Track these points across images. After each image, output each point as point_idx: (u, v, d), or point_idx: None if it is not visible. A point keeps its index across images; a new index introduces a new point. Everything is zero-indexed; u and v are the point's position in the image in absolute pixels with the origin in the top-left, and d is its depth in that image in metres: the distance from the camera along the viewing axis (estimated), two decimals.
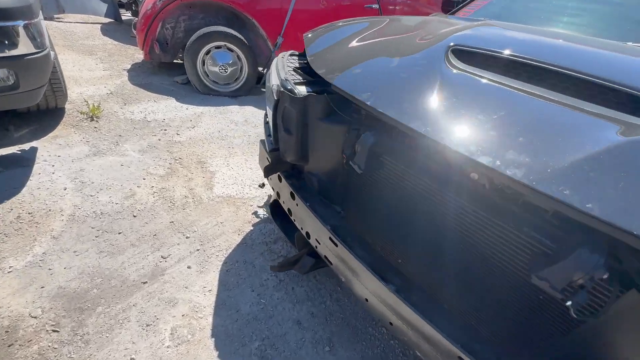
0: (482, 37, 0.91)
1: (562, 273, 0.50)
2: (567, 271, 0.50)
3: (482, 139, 0.59)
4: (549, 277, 0.52)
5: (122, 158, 1.82)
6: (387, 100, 0.71)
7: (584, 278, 0.49)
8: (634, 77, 0.64)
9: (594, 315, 0.53)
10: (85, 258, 1.22)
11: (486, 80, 0.72)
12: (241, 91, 2.98)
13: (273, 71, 1.07)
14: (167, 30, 2.80)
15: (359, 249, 0.81)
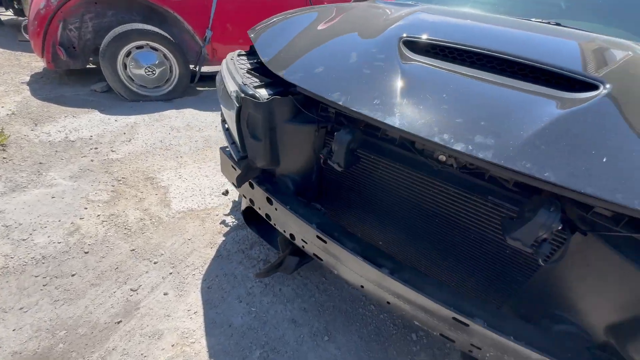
0: (426, 27, 0.98)
1: (530, 232, 0.60)
2: (533, 230, 0.60)
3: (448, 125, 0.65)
4: (520, 237, 0.61)
5: (51, 189, 1.58)
6: (357, 98, 0.74)
7: (546, 232, 0.59)
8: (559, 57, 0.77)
9: (556, 259, 0.65)
10: (37, 312, 1.06)
11: (438, 69, 0.79)
12: (175, 93, 2.75)
13: (227, 76, 1.02)
14: (71, 32, 2.42)
15: (348, 241, 0.85)
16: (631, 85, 0.71)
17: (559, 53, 0.87)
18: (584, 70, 0.74)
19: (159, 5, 2.52)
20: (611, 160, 0.55)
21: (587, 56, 0.89)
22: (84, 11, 2.39)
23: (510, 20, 1.33)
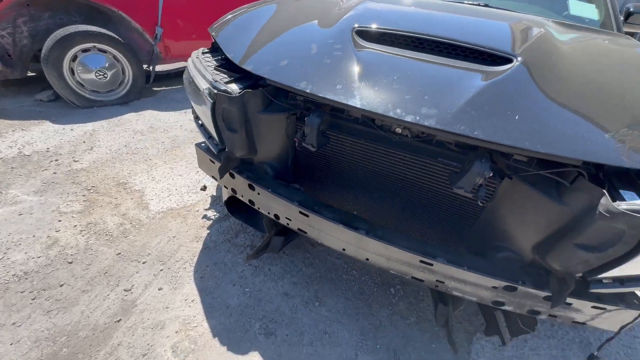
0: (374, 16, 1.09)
1: (469, 180, 0.76)
2: (471, 178, 0.76)
3: (400, 102, 0.78)
4: (462, 186, 0.77)
5: (16, 206, 1.52)
6: (322, 85, 0.84)
7: (481, 179, 0.75)
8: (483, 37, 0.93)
9: (490, 200, 0.82)
10: (31, 325, 1.07)
11: (387, 54, 0.92)
12: (131, 95, 2.66)
13: (196, 74, 1.07)
14: (4, 39, 2.23)
15: (327, 213, 0.97)
16: (540, 57, 0.89)
17: (483, 33, 1.04)
18: (501, 47, 0.90)
19: (101, 3, 2.39)
20: (521, 117, 0.72)
21: (506, 34, 1.07)
22: (15, 15, 2.21)
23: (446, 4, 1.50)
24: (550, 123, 0.72)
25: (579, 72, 0.88)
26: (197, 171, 1.90)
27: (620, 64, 1.05)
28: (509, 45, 0.94)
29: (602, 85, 0.86)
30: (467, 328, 1.22)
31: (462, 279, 0.85)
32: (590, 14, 1.63)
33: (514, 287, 0.82)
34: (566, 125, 0.73)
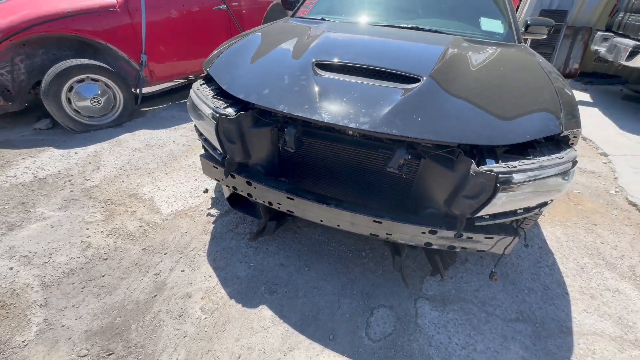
0: (328, 50, 1.49)
1: (395, 162, 1.17)
2: (396, 161, 1.17)
3: (347, 114, 1.18)
4: (392, 166, 1.18)
5: (46, 221, 1.80)
6: (294, 106, 1.23)
7: (403, 160, 1.17)
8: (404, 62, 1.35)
9: (413, 174, 1.24)
10: (88, 305, 1.39)
11: (340, 79, 1.32)
12: (123, 117, 2.93)
13: (199, 102, 1.42)
14: (3, 77, 2.47)
15: (307, 195, 1.35)
16: (445, 73, 1.32)
17: (406, 58, 1.47)
18: (415, 70, 1.32)
19: (90, 38, 2.66)
20: (422, 118, 1.13)
21: (423, 57, 1.50)
22: (13, 54, 2.45)
23: (386, 30, 1.93)
24: (441, 120, 1.15)
25: (473, 78, 1.33)
26: (196, 179, 2.23)
27: (512, 69, 1.51)
28: (422, 67, 1.36)
29: (490, 85, 1.31)
30: (419, 274, 1.64)
31: (402, 230, 1.26)
32: (497, 28, 2.11)
33: (435, 230, 1.23)
34: (451, 120, 1.15)
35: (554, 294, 1.58)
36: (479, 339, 1.36)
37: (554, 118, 1.21)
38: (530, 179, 1.08)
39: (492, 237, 1.24)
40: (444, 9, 2.22)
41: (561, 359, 1.30)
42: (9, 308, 1.35)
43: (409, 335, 1.35)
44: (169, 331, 1.31)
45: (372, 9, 2.28)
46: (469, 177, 1.08)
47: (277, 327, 1.35)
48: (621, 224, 2.11)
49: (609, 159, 2.88)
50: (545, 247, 1.87)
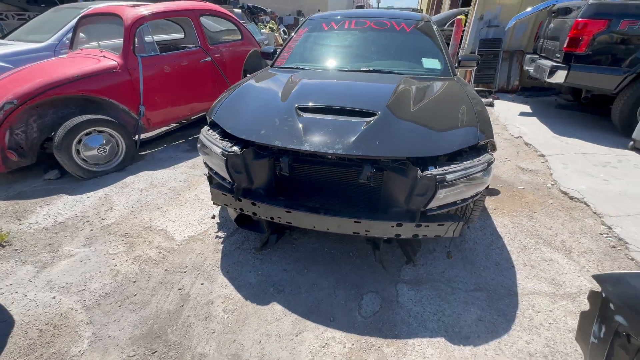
0: (306, 95, 1.95)
1: (364, 175, 1.59)
2: (365, 173, 1.59)
3: (325, 144, 1.60)
4: (362, 178, 1.60)
5: (75, 257, 2.06)
6: (285, 141, 1.64)
7: (370, 173, 1.59)
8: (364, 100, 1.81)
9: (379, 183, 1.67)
10: (127, 319, 1.65)
11: (318, 119, 1.76)
12: (125, 162, 3.25)
13: (209, 144, 1.81)
14: (18, 136, 2.77)
15: (301, 207, 1.73)
16: (397, 106, 1.79)
17: (367, 97, 1.95)
18: (372, 107, 1.79)
19: (95, 96, 3.04)
20: (380, 141, 1.58)
21: (378, 95, 1.98)
22: (27, 116, 2.77)
23: (349, 73, 2.44)
24: (393, 141, 1.59)
25: (417, 107, 1.81)
26: (201, 208, 2.56)
27: (444, 98, 2.02)
28: (378, 103, 1.83)
29: (429, 112, 1.79)
30: (397, 264, 2.01)
31: (377, 226, 1.65)
32: (436, 65, 2.67)
33: (401, 223, 1.64)
34: (400, 140, 1.60)
35: (503, 268, 2.00)
36: (446, 307, 1.73)
37: (473, 133, 1.69)
38: (459, 177, 1.53)
39: (443, 224, 1.66)
40: (394, 54, 2.79)
41: (509, 313, 1.69)
42: (60, 328, 1.60)
43: (392, 310, 1.71)
44: (199, 330, 1.60)
45: (337, 57, 2.81)
46: (417, 181, 1.52)
47: (287, 317, 1.67)
48: (555, 210, 2.61)
49: (545, 159, 3.47)
50: (496, 233, 2.32)
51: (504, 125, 4.60)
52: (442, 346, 1.53)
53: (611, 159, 3.37)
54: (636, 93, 3.65)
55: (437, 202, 1.56)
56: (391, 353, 1.50)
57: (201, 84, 3.91)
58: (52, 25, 4.34)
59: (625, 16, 3.39)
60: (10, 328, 1.59)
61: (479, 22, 6.09)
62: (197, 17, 3.84)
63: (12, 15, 7.11)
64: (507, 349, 1.52)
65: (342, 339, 1.56)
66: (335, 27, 3.05)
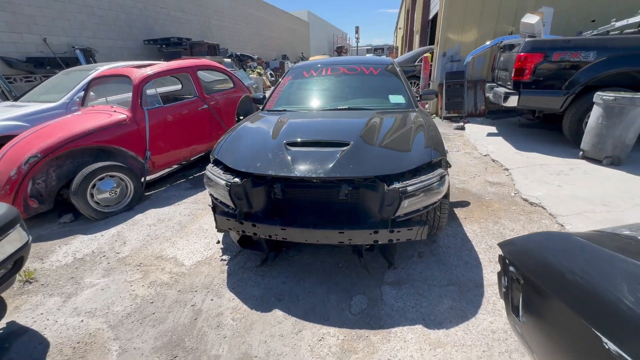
0: (293, 132, 2.38)
1: (343, 193, 1.97)
2: (342, 192, 1.97)
3: (309, 171, 1.99)
4: (341, 196, 1.97)
5: (96, 286, 2.32)
6: (278, 170, 2.03)
7: (347, 191, 1.97)
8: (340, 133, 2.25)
9: (357, 198, 2.04)
10: (148, 333, 1.90)
11: (302, 151, 2.16)
12: (133, 202, 3.57)
13: (214, 177, 2.18)
14: (39, 185, 3.10)
15: (294, 225, 2.07)
16: (367, 136, 2.22)
17: (342, 130, 2.38)
18: (346, 138, 2.21)
19: (107, 145, 3.44)
20: (353, 165, 1.98)
21: (352, 128, 2.42)
22: (48, 167, 3.13)
23: (328, 113, 2.91)
24: (363, 164, 1.99)
25: (384, 135, 2.23)
26: (205, 237, 2.86)
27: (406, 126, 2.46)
28: (352, 135, 2.26)
29: (393, 139, 2.21)
30: (381, 270, 2.32)
31: (357, 235, 1.99)
32: (400, 100, 3.18)
33: (377, 231, 1.98)
34: (369, 163, 2.00)
35: (471, 265, 2.32)
36: (423, 300, 2.03)
37: (427, 153, 2.11)
38: (418, 189, 1.92)
39: (412, 229, 2.01)
40: (364, 93, 3.30)
41: (476, 301, 2.00)
42: (90, 344, 1.83)
43: (377, 307, 2.00)
44: (212, 336, 1.85)
45: (317, 99, 3.32)
46: (385, 194, 1.89)
47: (288, 320, 1.94)
48: (517, 214, 2.99)
49: (509, 172, 3.92)
50: (466, 238, 2.66)
51: (473, 146, 5.12)
52: (419, 331, 1.81)
53: (564, 167, 3.84)
54: (580, 109, 4.22)
55: (403, 210, 1.93)
56: (377, 340, 1.77)
57: (200, 129, 4.37)
58: (63, 86, 4.85)
59: (556, 49, 4.06)
60: (46, 349, 1.82)
61: (443, 58, 6.90)
62: (194, 72, 4.40)
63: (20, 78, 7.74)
64: (474, 328, 1.80)
65: (335, 333, 1.83)
66: (315, 74, 3.60)
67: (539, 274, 0.97)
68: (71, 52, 9.30)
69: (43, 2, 8.66)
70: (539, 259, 1.00)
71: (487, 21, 6.54)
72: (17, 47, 8.09)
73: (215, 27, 17.40)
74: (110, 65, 5.09)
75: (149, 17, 12.61)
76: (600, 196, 3.10)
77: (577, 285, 0.84)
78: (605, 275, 0.80)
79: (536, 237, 1.09)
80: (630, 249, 0.86)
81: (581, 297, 0.81)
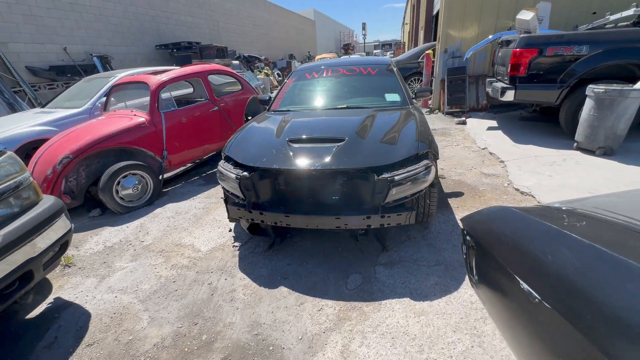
0: (295, 130, 2.65)
1: (338, 182, 2.23)
2: (339, 182, 2.23)
3: (311, 162, 2.26)
4: (337, 185, 2.23)
5: (126, 269, 2.65)
6: (282, 164, 2.30)
7: (342, 181, 2.23)
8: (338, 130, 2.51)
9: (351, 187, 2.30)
10: (172, 306, 2.21)
11: (303, 147, 2.43)
12: (153, 198, 3.92)
13: (225, 172, 2.48)
14: (71, 183, 3.47)
15: (297, 212, 2.34)
16: (361, 131, 2.47)
17: (339, 127, 2.64)
18: (342, 134, 2.47)
19: (129, 146, 3.79)
20: (347, 158, 2.23)
21: (349, 125, 2.68)
22: (79, 167, 3.50)
23: (327, 112, 3.17)
24: (356, 157, 2.24)
25: (377, 131, 2.48)
26: (219, 227, 3.17)
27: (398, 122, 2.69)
28: (348, 131, 2.51)
29: (387, 133, 2.45)
30: (375, 253, 2.57)
31: (352, 220, 2.25)
32: (396, 98, 3.41)
33: (370, 216, 2.24)
34: (362, 156, 2.26)
35: (459, 248, 2.55)
36: (412, 278, 2.27)
37: (415, 146, 2.34)
38: (404, 178, 2.16)
39: (401, 214, 2.25)
40: (362, 92, 3.55)
41: (459, 278, 2.23)
42: (125, 315, 2.16)
43: (370, 283, 2.25)
44: (227, 308, 2.15)
45: (319, 99, 3.58)
46: (375, 183, 2.15)
47: (292, 295, 2.22)
48: (507, 203, 3.18)
49: (505, 164, 4.09)
50: (456, 225, 2.88)
51: (473, 139, 5.29)
52: (406, 303, 2.06)
53: (557, 159, 3.99)
54: (575, 102, 4.35)
55: (391, 197, 2.18)
56: (369, 310, 2.03)
57: (211, 129, 4.69)
58: (85, 93, 5.25)
59: (550, 44, 4.19)
60: (89, 318, 2.16)
61: (444, 55, 7.04)
62: (205, 76, 4.72)
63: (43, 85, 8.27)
64: (455, 300, 2.04)
65: (333, 304, 2.10)
66: (316, 76, 3.86)
67: (485, 239, 1.21)
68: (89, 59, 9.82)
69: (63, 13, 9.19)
70: (485, 227, 1.24)
71: (487, 17, 6.65)
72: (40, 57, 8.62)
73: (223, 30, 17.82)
74: (127, 72, 5.47)
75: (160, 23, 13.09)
76: (588, 185, 3.26)
77: (508, 244, 1.09)
78: (528, 237, 1.04)
79: (486, 211, 1.33)
80: (557, 217, 1.09)
81: (510, 254, 1.05)
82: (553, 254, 0.91)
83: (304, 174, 2.32)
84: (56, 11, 9.02)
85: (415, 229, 2.83)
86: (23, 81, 7.83)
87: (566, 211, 1.17)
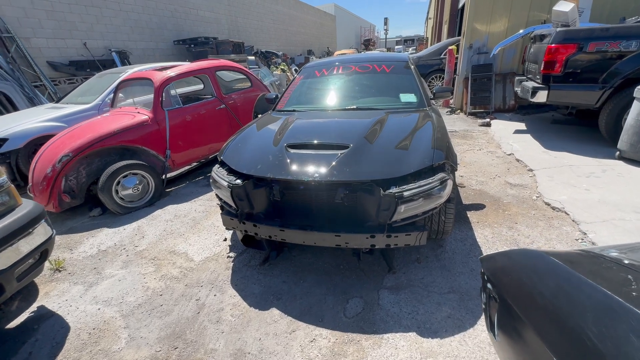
0: (296, 135, 2.40)
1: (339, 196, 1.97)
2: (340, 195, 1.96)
3: (309, 172, 2.01)
4: (337, 199, 1.97)
5: (114, 277, 2.52)
6: (277, 173, 2.06)
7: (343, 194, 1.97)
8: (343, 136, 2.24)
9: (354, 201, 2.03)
10: (155, 324, 2.04)
11: (302, 154, 2.18)
12: (154, 199, 3.80)
13: (219, 179, 2.27)
14: (71, 182, 3.39)
15: (292, 226, 2.10)
16: (371, 137, 2.19)
17: (345, 133, 2.37)
18: (346, 141, 2.19)
19: (131, 145, 3.67)
20: (350, 169, 1.96)
21: (355, 129, 2.39)
22: (79, 165, 3.41)
23: (335, 113, 2.90)
24: (360, 168, 1.97)
25: (386, 138, 2.19)
26: (216, 234, 2.99)
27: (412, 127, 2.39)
28: (353, 138, 2.24)
29: (399, 140, 2.16)
30: (381, 273, 2.30)
31: (354, 238, 1.98)
32: (412, 99, 3.08)
33: (374, 235, 1.96)
34: (366, 166, 1.98)
35: (477, 273, 2.23)
36: (421, 307, 1.98)
37: (429, 156, 2.04)
38: (416, 194, 1.86)
39: (410, 234, 1.96)
40: (375, 92, 3.24)
41: (476, 311, 1.92)
42: (104, 331, 2.00)
43: (373, 311, 1.99)
44: (211, 331, 1.95)
45: (327, 99, 3.30)
46: (381, 198, 1.87)
47: (283, 319, 1.99)
48: (536, 220, 2.81)
49: (533, 173, 3.67)
50: (475, 244, 2.55)
51: (497, 144, 4.85)
52: (412, 339, 1.78)
53: (596, 169, 3.53)
54: (618, 105, 3.84)
55: (399, 215, 1.89)
56: (368, 345, 1.77)
57: (217, 128, 4.53)
58: (96, 89, 5.23)
59: (592, 39, 3.70)
60: (67, 332, 2.02)
61: (469, 51, 6.55)
62: (213, 73, 4.55)
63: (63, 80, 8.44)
64: (471, 340, 1.74)
65: (327, 335, 1.85)
66: (326, 73, 3.58)
67: (511, 293, 0.92)
68: (108, 54, 9.96)
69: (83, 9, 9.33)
70: (511, 278, 0.95)
71: (518, 9, 6.10)
72: (61, 52, 8.80)
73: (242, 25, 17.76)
74: (138, 68, 5.40)
75: (179, 18, 13.15)
76: (634, 202, 2.83)
77: (545, 310, 0.80)
78: (572, 303, 0.75)
79: (512, 254, 1.03)
80: (606, 274, 0.79)
81: (544, 323, 0.77)
82: (605, 332, 0.63)
83: (300, 184, 2.07)
84: (77, 7, 9.17)
85: (428, 246, 2.52)
86: (44, 76, 8.01)
87: (624, 267, 0.86)
